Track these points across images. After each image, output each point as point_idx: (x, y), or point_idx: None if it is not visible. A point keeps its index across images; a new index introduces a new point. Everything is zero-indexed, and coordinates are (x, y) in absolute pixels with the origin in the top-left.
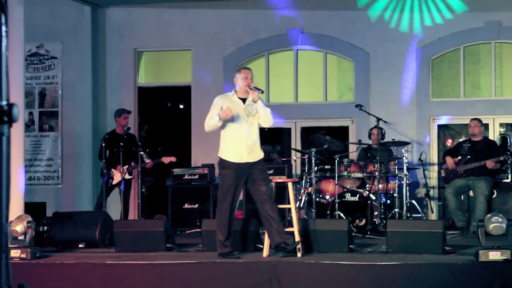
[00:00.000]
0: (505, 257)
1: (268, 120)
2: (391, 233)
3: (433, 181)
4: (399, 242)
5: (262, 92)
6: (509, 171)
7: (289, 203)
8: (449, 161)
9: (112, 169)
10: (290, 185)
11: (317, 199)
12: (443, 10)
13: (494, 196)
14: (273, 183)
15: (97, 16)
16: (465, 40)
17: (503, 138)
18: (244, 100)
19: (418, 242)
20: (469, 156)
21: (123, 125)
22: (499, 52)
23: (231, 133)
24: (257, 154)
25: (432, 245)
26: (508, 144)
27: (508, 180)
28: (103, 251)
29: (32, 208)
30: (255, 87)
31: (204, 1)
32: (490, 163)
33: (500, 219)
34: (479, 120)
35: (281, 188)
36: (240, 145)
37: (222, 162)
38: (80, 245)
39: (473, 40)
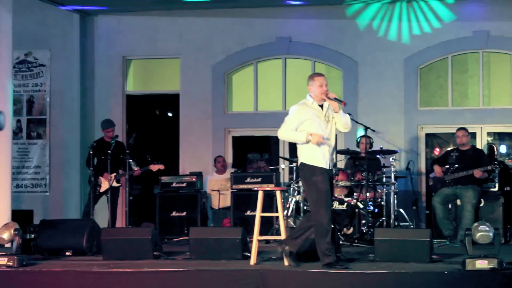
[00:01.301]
0: (492, 266)
1: (347, 125)
2: (379, 241)
3: (421, 189)
4: (386, 250)
5: (344, 104)
6: (497, 180)
7: (277, 211)
8: (437, 169)
9: (100, 177)
10: (278, 193)
11: (305, 207)
12: (431, 19)
13: (481, 205)
14: (261, 191)
15: (86, 24)
16: (453, 49)
17: (490, 147)
18: (320, 106)
19: (406, 250)
20: (457, 165)
21: (109, 136)
22: (487, 62)
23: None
24: (333, 161)
25: (419, 254)
26: (495, 153)
27: (496, 189)
28: (90, 259)
29: (19, 216)
30: (335, 98)
31: (193, 9)
32: (477, 172)
33: (487, 228)
34: (466, 130)
35: (269, 196)
36: (324, 151)
37: (311, 168)
38: (67, 253)
39: (461, 49)
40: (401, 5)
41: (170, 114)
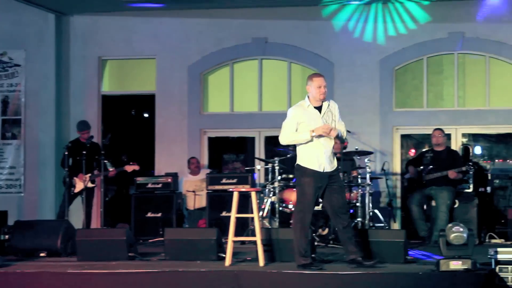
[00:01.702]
0: (466, 267)
1: (343, 135)
2: None
3: (396, 190)
4: (361, 251)
5: (346, 144)
6: (471, 181)
7: (252, 212)
8: (412, 170)
9: (74, 178)
10: (253, 194)
11: (280, 208)
12: (407, 20)
13: (455, 205)
14: (236, 192)
15: (61, 24)
16: (429, 50)
17: (465, 148)
18: (318, 108)
19: (380, 251)
20: (431, 166)
21: (84, 138)
22: (462, 63)
23: (311, 142)
24: (334, 164)
25: (394, 255)
26: (470, 154)
27: (470, 190)
28: (65, 260)
29: None
30: (339, 136)
31: (169, 9)
32: (452, 173)
33: (461, 229)
34: (442, 130)
35: (245, 197)
36: (320, 154)
37: (303, 169)
38: (42, 254)
39: (436, 50)
40: (376, 6)
41: (145, 115)
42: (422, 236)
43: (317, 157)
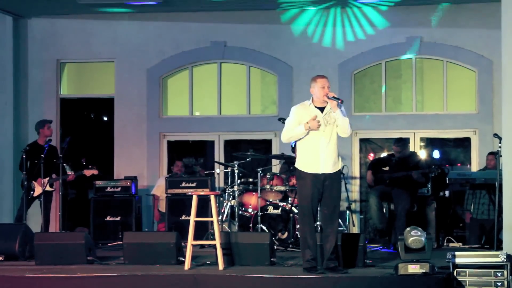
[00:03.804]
0: (424, 271)
1: (345, 130)
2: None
3: (355, 194)
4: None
5: (342, 102)
6: (429, 185)
7: (211, 216)
8: (368, 176)
9: (33, 181)
10: (212, 198)
11: (240, 212)
12: (365, 25)
13: (414, 209)
14: (195, 196)
15: (19, 27)
16: (387, 55)
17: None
18: (321, 109)
19: (340, 255)
20: (395, 168)
21: (47, 135)
22: (420, 67)
23: (308, 143)
24: (334, 166)
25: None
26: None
27: (429, 194)
28: (23, 264)
29: None
30: (334, 97)
31: (128, 12)
32: (414, 175)
33: (419, 233)
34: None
35: (205, 201)
36: (316, 155)
37: (299, 172)
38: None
39: (394, 55)
40: (335, 11)
41: (105, 118)
42: (380, 228)
43: (314, 159)
